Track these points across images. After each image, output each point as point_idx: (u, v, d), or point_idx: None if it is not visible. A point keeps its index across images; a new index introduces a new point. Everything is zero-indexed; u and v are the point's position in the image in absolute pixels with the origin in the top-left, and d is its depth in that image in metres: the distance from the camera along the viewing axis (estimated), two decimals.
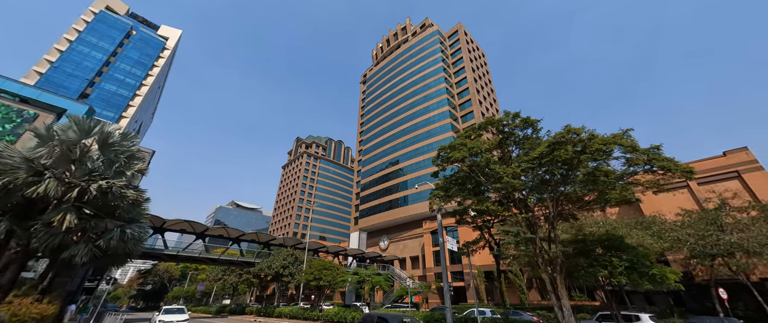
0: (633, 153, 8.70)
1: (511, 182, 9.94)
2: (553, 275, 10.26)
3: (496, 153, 11.87)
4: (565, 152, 9.15)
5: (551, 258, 10.86)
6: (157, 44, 66.88)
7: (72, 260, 13.80)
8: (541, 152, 9.59)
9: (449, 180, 13.63)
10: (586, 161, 9.29)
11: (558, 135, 9.47)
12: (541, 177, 10.42)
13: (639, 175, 9.41)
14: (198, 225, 29.49)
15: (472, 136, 12.52)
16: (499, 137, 11.97)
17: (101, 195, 14.06)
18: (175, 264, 67.99)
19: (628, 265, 9.82)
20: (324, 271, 24.30)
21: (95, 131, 14.48)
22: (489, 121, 11.95)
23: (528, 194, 10.72)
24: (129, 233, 15.29)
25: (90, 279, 25.62)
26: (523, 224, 11.57)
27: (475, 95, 61.80)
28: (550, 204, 10.77)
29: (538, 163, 9.78)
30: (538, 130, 11.26)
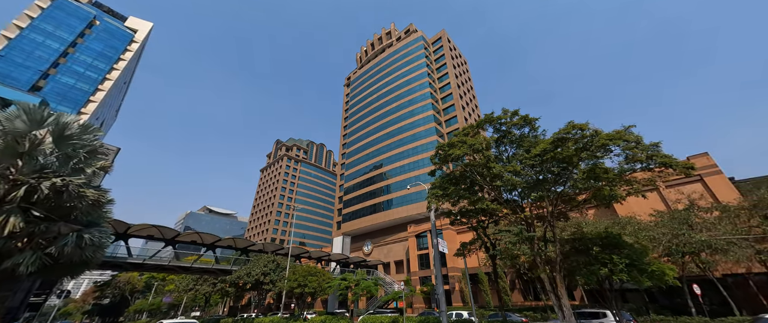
0: (634, 150, 8.90)
1: (512, 180, 9.86)
2: (552, 274, 10.23)
3: (491, 152, 11.86)
4: (566, 149, 9.23)
5: (550, 257, 10.88)
6: (124, 36, 62.06)
7: (15, 270, 11.83)
8: (544, 149, 9.60)
9: (445, 179, 13.40)
10: (587, 158, 9.43)
11: (562, 131, 9.54)
12: (540, 175, 10.46)
13: (636, 173, 9.70)
14: (167, 230, 27.09)
15: (471, 134, 12.40)
16: (494, 136, 11.95)
17: (55, 195, 12.26)
18: (139, 274, 62.29)
19: (628, 262, 10.02)
20: (309, 277, 22.99)
21: (49, 122, 12.67)
22: (488, 118, 11.91)
23: (527, 192, 10.71)
24: (87, 239, 13.44)
25: (37, 292, 22.46)
26: (519, 224, 11.54)
27: (458, 100, 63.25)
28: (547, 203, 10.83)
29: (539, 160, 9.80)
30: (535, 128, 11.37)
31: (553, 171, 10.21)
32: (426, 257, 46.43)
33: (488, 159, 11.26)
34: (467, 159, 12.70)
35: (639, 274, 9.94)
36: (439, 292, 14.62)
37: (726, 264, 20.73)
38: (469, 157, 12.18)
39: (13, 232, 11.50)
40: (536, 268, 11.10)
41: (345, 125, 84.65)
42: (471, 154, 11.20)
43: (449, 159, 12.60)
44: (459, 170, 13.08)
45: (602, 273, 10.08)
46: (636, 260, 10.08)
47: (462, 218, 14.55)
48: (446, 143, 12.25)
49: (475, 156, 11.56)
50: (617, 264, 9.89)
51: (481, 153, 11.24)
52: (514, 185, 10.14)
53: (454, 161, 12.24)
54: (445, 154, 12.30)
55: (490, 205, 10.99)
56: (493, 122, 11.94)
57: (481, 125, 12.30)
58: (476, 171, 12.27)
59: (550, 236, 10.50)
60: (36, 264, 11.84)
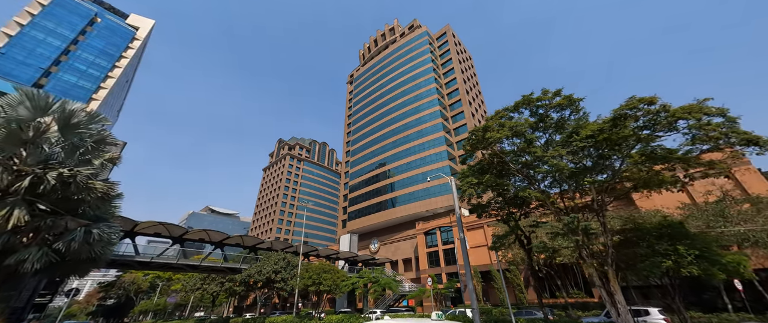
0: (706, 127, 7.97)
1: (560, 165, 9.01)
2: (603, 268, 9.36)
3: (535, 135, 10.97)
4: (624, 128, 8.39)
5: (598, 250, 10.03)
6: (126, 34, 61.29)
7: (19, 268, 11.05)
8: (600, 129, 8.70)
9: (477, 167, 12.49)
10: (647, 139, 8.56)
11: (623, 107, 8.65)
12: (587, 160, 9.58)
13: (704, 154, 8.80)
14: (175, 228, 26.32)
15: (505, 116, 11.51)
16: (530, 120, 11.05)
17: (61, 186, 11.46)
18: (143, 274, 61.64)
19: (697, 254, 9.13)
20: (323, 275, 22.18)
21: (54, 109, 11.87)
22: (526, 100, 11.02)
23: (576, 178, 9.84)
24: (96, 234, 12.64)
25: (41, 292, 21.73)
26: (556, 215, 10.67)
27: (464, 95, 62.31)
28: (592, 191, 9.97)
29: (592, 142, 8.92)
30: (578, 110, 10.49)
31: (604, 155, 9.36)
32: (435, 254, 45.63)
33: (530, 143, 10.40)
34: (499, 145, 11.82)
35: (710, 266, 9.07)
36: (469, 288, 13.77)
37: (758, 258, 19.84)
38: (506, 141, 11.32)
39: (17, 226, 10.70)
40: (581, 262, 10.23)
41: (349, 123, 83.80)
42: (511, 137, 10.34)
43: (482, 145, 11.73)
44: (488, 156, 12.18)
45: (666, 265, 9.21)
46: (706, 251, 9.21)
47: (491, 210, 13.70)
48: (481, 126, 11.37)
49: (514, 140, 10.68)
50: (684, 255, 9.00)
51: (523, 136, 10.38)
52: (562, 171, 9.30)
53: (489, 146, 11.38)
54: (479, 139, 11.43)
55: (532, 194, 10.13)
56: (531, 104, 11.04)
57: (517, 108, 11.44)
58: (511, 158, 11.42)
59: (595, 227, 9.66)
60: (42, 261, 11.04)
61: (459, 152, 57.72)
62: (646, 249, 9.90)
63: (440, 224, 46.48)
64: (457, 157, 57.07)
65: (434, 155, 55.84)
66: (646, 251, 9.86)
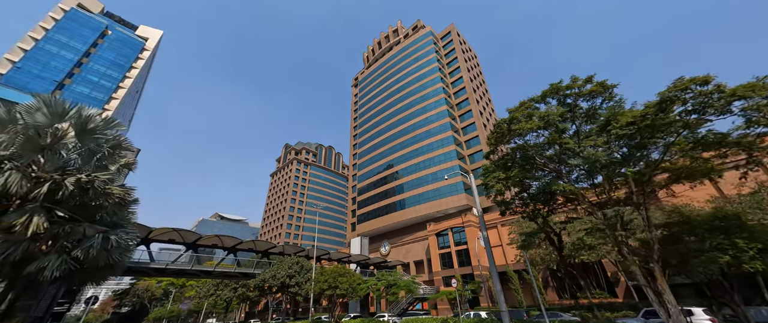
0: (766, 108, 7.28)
1: (596, 155, 8.40)
2: (648, 265, 8.65)
3: (567, 125, 10.34)
4: (669, 113, 7.78)
5: (637, 246, 9.35)
6: (136, 45, 62.53)
7: (38, 276, 10.90)
8: (643, 114, 8.06)
9: (501, 162, 11.91)
10: (696, 124, 7.90)
11: (671, 89, 7.98)
12: (630, 147, 8.93)
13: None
14: (188, 234, 26.25)
15: (529, 108, 10.90)
16: (560, 109, 10.43)
17: (79, 192, 11.32)
18: (157, 282, 62.13)
19: (760, 247, 8.34)
20: (339, 278, 21.75)
21: (71, 114, 11.79)
22: (554, 88, 10.41)
23: (613, 169, 9.19)
24: (113, 241, 12.48)
25: (59, 301, 21.77)
26: (593, 210, 10.01)
27: (471, 94, 61.61)
28: (631, 182, 9.31)
29: (634, 129, 8.28)
30: (611, 97, 9.84)
31: (644, 143, 8.70)
32: (448, 255, 44.76)
33: (561, 133, 9.79)
34: (522, 138, 11.22)
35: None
36: (495, 288, 13.17)
37: None
38: (532, 134, 10.74)
39: (36, 233, 10.55)
40: (622, 259, 9.53)
41: (355, 125, 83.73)
42: (542, 128, 9.75)
43: (508, 138, 11.16)
44: (513, 150, 11.57)
45: (723, 261, 8.42)
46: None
47: (516, 207, 13.05)
48: (507, 118, 10.80)
49: (542, 132, 10.09)
50: (745, 249, 8.22)
51: (554, 126, 9.79)
52: (597, 162, 8.66)
53: (519, 137, 10.79)
54: (503, 132, 10.86)
55: (565, 187, 9.51)
56: (559, 93, 10.44)
57: (544, 98, 10.84)
58: (537, 150, 10.82)
59: (635, 221, 9.00)
60: (61, 269, 10.87)
61: (468, 152, 56.92)
62: (697, 244, 9.13)
63: (452, 225, 45.64)
64: (466, 156, 56.27)
65: (443, 155, 55.14)
66: (697, 246, 9.09)
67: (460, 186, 50.25)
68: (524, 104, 10.88)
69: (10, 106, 11.53)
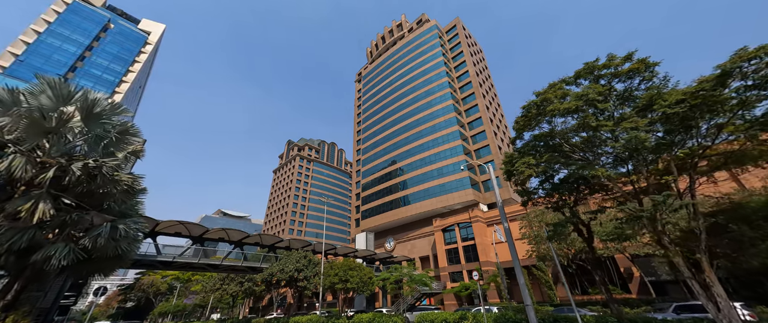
0: None
1: (640, 138, 7.78)
2: (694, 256, 8.04)
3: (609, 104, 9.58)
4: (724, 89, 7.16)
5: (680, 236, 8.76)
6: (139, 38, 61.96)
7: (45, 266, 10.48)
8: (695, 91, 7.36)
9: (528, 148, 11.24)
10: (752, 102, 7.26)
11: (735, 59, 7.29)
12: (674, 127, 8.27)
13: None
14: (195, 227, 25.88)
15: (560, 89, 10.17)
16: (600, 87, 9.63)
17: (87, 179, 10.84)
18: (161, 277, 62.16)
19: None
20: (349, 272, 21.32)
21: (77, 98, 11.28)
22: (589, 67, 9.64)
23: (657, 153, 8.53)
24: (122, 230, 12.03)
25: (66, 294, 21.51)
26: (627, 198, 9.38)
27: (477, 88, 60.70)
28: (673, 168, 8.66)
29: (685, 107, 7.62)
30: (652, 76, 9.10)
31: (691, 124, 8.04)
32: (455, 251, 44.28)
33: (600, 114, 9.11)
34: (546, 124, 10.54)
35: None
36: (520, 283, 12.62)
37: None
38: (559, 119, 10.10)
39: (42, 220, 10.09)
40: (662, 250, 8.91)
41: (358, 121, 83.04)
42: (582, 108, 9.05)
43: (535, 123, 10.49)
44: (541, 135, 10.88)
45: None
46: None
47: (540, 198, 12.43)
48: (538, 99, 10.06)
49: (573, 116, 9.37)
50: None
51: (594, 106, 9.09)
52: (643, 145, 7.98)
53: (557, 116, 10.07)
54: (536, 113, 10.16)
55: (602, 173, 8.84)
56: (593, 72, 9.71)
57: (577, 78, 10.13)
58: (564, 136, 10.18)
59: (677, 210, 8.39)
60: (68, 258, 10.42)
61: (474, 147, 56.20)
62: (752, 233, 8.50)
63: (459, 221, 45.11)
64: (472, 152, 55.57)
65: (449, 151, 54.46)
66: (752, 235, 8.46)
67: (466, 181, 49.64)
68: (555, 85, 10.21)
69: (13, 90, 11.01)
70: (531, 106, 10.24)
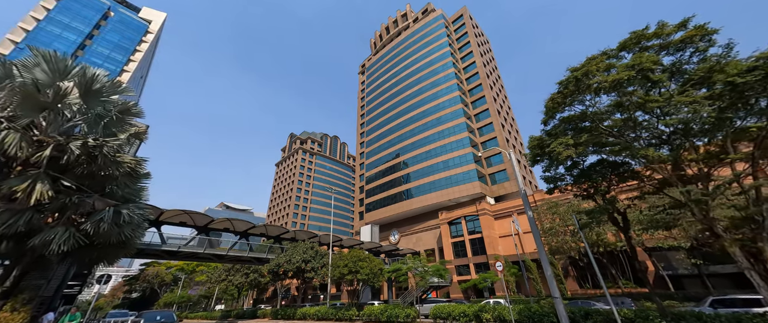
0: None
1: (700, 111, 6.93)
2: (755, 245, 7.24)
3: (664, 76, 8.55)
4: None
5: (729, 223, 7.97)
6: (139, 27, 60.80)
7: (45, 251, 9.87)
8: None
9: (560, 128, 10.31)
10: None
11: None
12: (731, 101, 7.36)
13: None
14: (199, 217, 25.33)
15: (601, 62, 9.16)
16: (654, 57, 8.64)
17: (87, 160, 10.14)
18: (166, 268, 62.28)
19: None
20: (359, 263, 20.78)
21: (75, 73, 10.51)
22: (636, 37, 8.63)
23: (725, 130, 7.65)
24: (125, 215, 11.38)
25: (69, 283, 21.12)
26: (676, 182, 8.50)
27: (485, 80, 59.35)
28: (730, 147, 7.80)
29: (760, 75, 6.71)
30: (709, 46, 8.15)
31: (755, 99, 7.17)
32: (461, 244, 43.77)
33: (653, 86, 8.14)
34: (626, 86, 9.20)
35: None
36: (547, 274, 11.89)
37: None
38: (594, 98, 9.18)
39: (40, 202, 9.42)
40: (713, 239, 8.15)
41: (362, 113, 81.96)
42: (633, 78, 8.07)
43: (571, 101, 9.56)
44: (577, 114, 9.94)
45: None
46: None
47: (568, 186, 11.55)
48: (580, 71, 9.04)
49: (632, 83, 8.27)
50: None
51: (647, 78, 8.13)
52: (700, 119, 7.15)
53: (586, 98, 9.22)
54: (573, 90, 9.20)
55: (652, 155, 7.96)
56: (640, 43, 8.69)
57: (621, 50, 9.16)
58: (598, 117, 9.30)
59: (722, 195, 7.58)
60: (69, 243, 9.78)
61: (481, 139, 55.18)
62: None
63: (465, 214, 44.45)
64: (479, 144, 54.58)
65: (455, 143, 53.50)
66: None
67: (473, 174, 48.81)
68: (595, 58, 9.23)
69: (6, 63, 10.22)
70: (569, 81, 9.31)
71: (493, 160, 52.05)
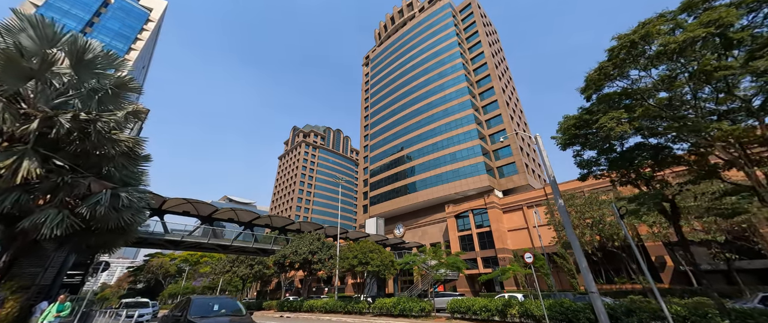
0: None
1: None
2: None
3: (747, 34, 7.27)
4: None
5: None
6: (140, 15, 59.58)
7: (37, 236, 9.06)
8: None
9: (598, 107, 9.16)
10: None
11: None
12: None
13: None
14: (203, 206, 24.58)
15: (657, 25, 7.97)
16: (734, 11, 7.41)
17: (79, 137, 9.24)
18: (170, 259, 62.31)
19: None
20: (370, 254, 20.02)
21: (65, 40, 9.51)
22: None
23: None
24: (124, 198, 10.52)
25: (71, 273, 20.56)
26: (747, 164, 7.41)
27: (493, 70, 57.72)
28: None
29: None
30: None
31: None
32: (469, 238, 42.94)
33: (729, 45, 7.01)
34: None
35: None
36: (581, 267, 10.93)
37: None
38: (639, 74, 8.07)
39: (29, 182, 8.57)
40: None
41: (366, 106, 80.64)
42: (709, 37, 6.91)
43: (619, 73, 8.41)
44: (624, 88, 8.69)
45: None
46: None
47: (605, 172, 10.47)
48: (635, 36, 7.89)
49: (703, 46, 7.09)
50: None
51: (723, 35, 6.99)
52: None
53: (640, 68, 8.08)
54: (625, 58, 7.97)
55: (729, 130, 6.80)
56: (707, 1, 7.48)
57: (685, 11, 7.89)
58: (646, 93, 8.20)
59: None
60: (62, 226, 8.92)
61: (489, 132, 53.89)
62: None
63: (473, 207, 43.50)
64: (487, 136, 53.30)
65: (463, 135, 52.26)
66: None
67: (481, 167, 47.70)
68: (650, 21, 8.05)
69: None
70: (621, 46, 8.12)
71: (501, 153, 50.84)
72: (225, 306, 8.89)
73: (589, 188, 31.59)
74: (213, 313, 8.18)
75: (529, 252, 40.13)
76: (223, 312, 8.41)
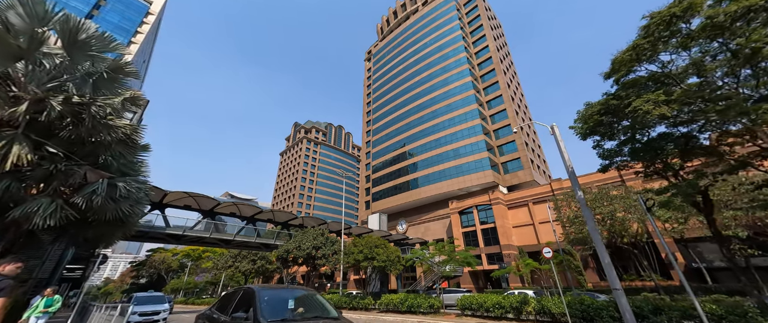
0: None
1: None
2: None
3: None
4: None
5: None
6: (140, 8, 58.82)
7: (30, 226, 8.59)
8: None
9: (634, 84, 8.49)
10: None
11: None
12: None
13: None
14: (204, 200, 24.17)
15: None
16: None
17: (73, 122, 8.72)
18: (172, 254, 62.26)
19: None
20: (375, 249, 19.59)
21: (56, 19, 8.94)
22: None
23: None
24: (122, 189, 10.03)
25: (70, 267, 20.21)
26: None
27: (498, 65, 56.77)
28: None
29: None
30: None
31: None
32: (473, 234, 42.48)
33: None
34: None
35: None
36: (604, 263, 10.35)
37: None
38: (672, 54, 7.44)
39: (20, 169, 8.09)
40: None
41: (368, 101, 79.85)
42: (760, 8, 6.30)
43: (653, 52, 7.77)
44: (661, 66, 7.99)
45: None
46: None
47: (626, 163, 9.85)
48: (677, 9, 7.13)
49: (755, 16, 6.43)
50: None
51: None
52: None
53: (671, 50, 7.44)
54: (660, 36, 7.32)
55: None
56: None
57: None
58: (679, 76, 7.58)
59: None
60: (56, 216, 8.43)
61: (494, 127, 53.12)
62: None
63: (477, 203, 42.96)
64: (491, 132, 52.57)
65: (467, 130, 51.55)
66: None
67: (485, 162, 47.06)
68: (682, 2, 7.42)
69: None
70: (660, 21, 7.44)
71: (506, 148, 50.12)
72: (308, 305, 5.53)
73: (599, 183, 30.97)
74: (296, 317, 4.98)
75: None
76: (311, 316, 5.07)
